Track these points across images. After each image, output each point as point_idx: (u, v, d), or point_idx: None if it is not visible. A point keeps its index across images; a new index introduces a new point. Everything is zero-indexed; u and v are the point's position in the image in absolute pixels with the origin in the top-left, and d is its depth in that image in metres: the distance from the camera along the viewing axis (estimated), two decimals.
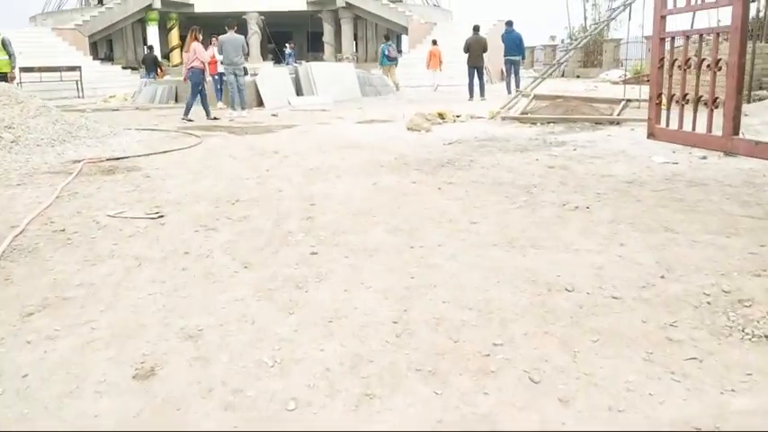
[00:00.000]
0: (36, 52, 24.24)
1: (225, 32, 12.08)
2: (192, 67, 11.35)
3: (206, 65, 11.55)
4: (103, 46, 33.09)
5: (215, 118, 11.47)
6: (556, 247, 3.41)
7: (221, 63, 12.58)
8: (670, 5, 4.84)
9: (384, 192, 4.88)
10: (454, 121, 10.34)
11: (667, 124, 4.97)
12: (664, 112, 5.06)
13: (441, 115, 10.39)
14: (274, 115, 12.33)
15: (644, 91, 12.65)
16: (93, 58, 28.06)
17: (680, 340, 2.35)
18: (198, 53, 11.30)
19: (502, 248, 3.40)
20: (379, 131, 9.12)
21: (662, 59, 4.91)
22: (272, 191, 5.00)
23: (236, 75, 12.06)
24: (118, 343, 2.38)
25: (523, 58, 17.32)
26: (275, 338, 2.39)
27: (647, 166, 5.67)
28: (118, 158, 6.80)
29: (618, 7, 12.34)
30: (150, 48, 25.62)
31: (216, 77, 14.46)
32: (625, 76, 24.17)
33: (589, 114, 9.34)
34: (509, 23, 16.61)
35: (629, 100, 9.95)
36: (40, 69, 21.66)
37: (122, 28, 29.63)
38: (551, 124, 9.16)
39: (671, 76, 4.83)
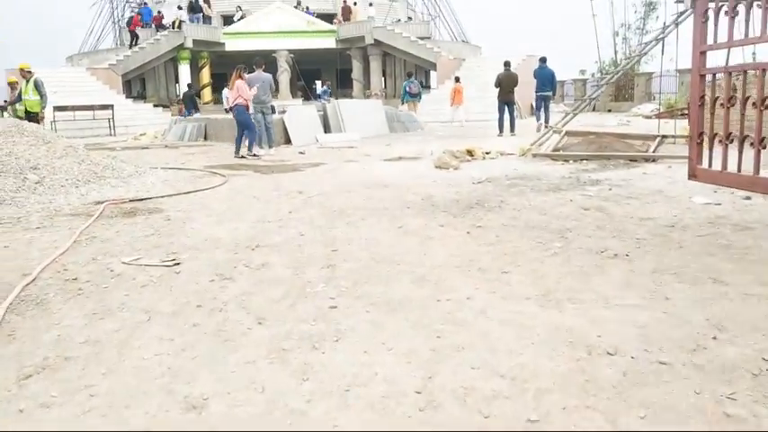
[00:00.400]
0: (71, 91, 24.81)
1: (254, 71, 12.14)
2: (236, 105, 11.42)
3: (249, 102, 11.69)
4: (137, 84, 33.82)
5: (242, 156, 11.46)
6: (595, 301, 3.15)
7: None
8: (710, 41, 4.61)
9: (410, 236, 4.67)
10: (483, 158, 10.14)
11: (710, 165, 4.69)
12: (705, 152, 4.80)
13: (469, 152, 10.20)
14: (302, 153, 12.27)
15: (679, 126, 12.36)
16: (126, 97, 28.64)
17: (741, 417, 2.07)
18: (241, 91, 11.37)
19: (536, 302, 3.15)
20: (406, 169, 8.95)
21: (702, 97, 4.66)
22: (294, 235, 4.82)
23: (263, 113, 12.08)
24: (115, 413, 2.18)
25: (554, 94, 17.32)
26: (286, 410, 2.16)
27: (687, 208, 5.37)
28: (140, 200, 6.72)
29: (650, 42, 12.11)
30: (189, 86, 26.26)
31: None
32: (658, 110, 23.83)
33: (623, 151, 9.06)
34: (543, 60, 16.60)
35: (664, 136, 9.65)
36: (74, 108, 22.13)
37: (155, 67, 30.23)
38: (584, 161, 8.91)
39: (712, 114, 4.57)
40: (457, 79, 22.30)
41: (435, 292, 3.34)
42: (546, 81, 16.48)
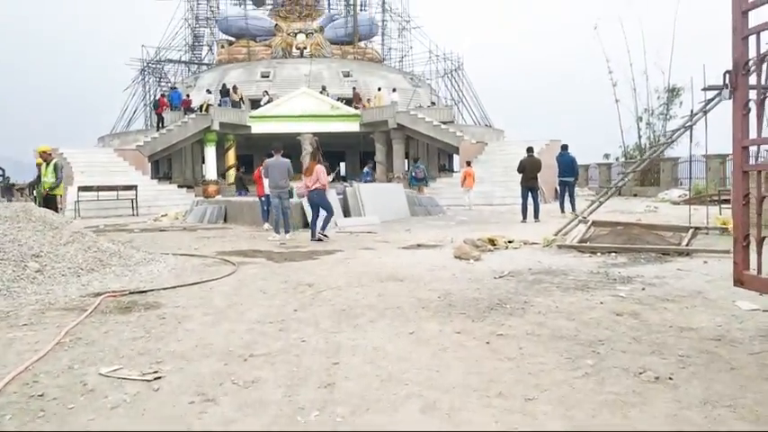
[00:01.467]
0: (99, 171, 25.17)
1: (272, 156, 12.03)
2: (315, 189, 11.66)
3: (327, 186, 12.04)
4: (164, 164, 34.32)
5: (319, 239, 11.46)
6: None
7: (268, 186, 12.47)
8: (752, 134, 4.22)
9: (422, 346, 4.18)
10: (506, 247, 9.69)
11: (758, 271, 4.20)
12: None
13: (491, 241, 9.77)
14: (319, 239, 11.93)
15: (711, 213, 11.86)
16: (152, 177, 28.98)
17: None
18: (320, 175, 11.65)
19: None
20: (424, 259, 8.53)
21: (746, 195, 4.23)
22: (294, 341, 4.36)
23: (280, 198, 11.86)
24: None
25: (576, 179, 17.50)
26: None
27: (733, 315, 4.84)
28: (141, 292, 6.34)
29: (678, 129, 11.81)
30: (237, 168, 26.92)
31: (263, 199, 14.38)
32: (687, 195, 23.38)
33: (654, 244, 8.56)
34: (564, 147, 17.01)
35: (697, 228, 9.15)
36: (98, 188, 22.35)
37: (182, 148, 30.68)
38: (613, 254, 8.41)
39: (760, 214, 4.12)
40: (468, 163, 23.38)
41: (447, 425, 2.85)
42: (567, 167, 16.80)
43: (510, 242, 10.07)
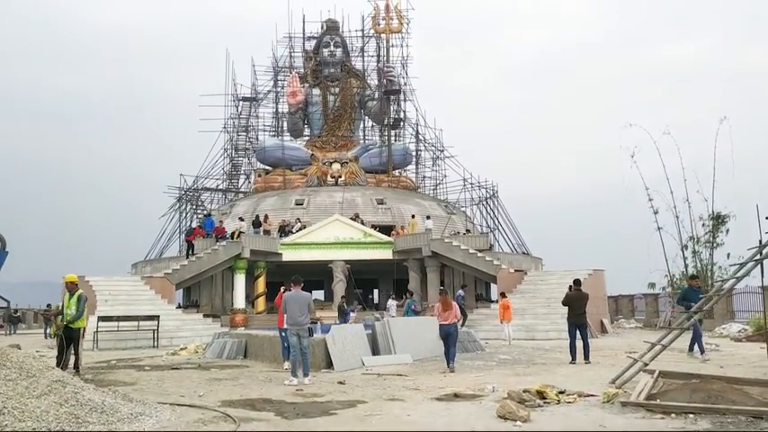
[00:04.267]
0: (124, 300, 24.48)
1: (290, 289, 11.00)
2: (453, 323, 12.57)
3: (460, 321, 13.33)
4: (195, 291, 33.52)
5: (453, 371, 12.12)
6: None
7: (286, 323, 11.32)
8: None
9: None
10: (558, 401, 8.22)
11: None
12: None
13: (540, 393, 8.34)
14: (341, 383, 10.59)
15: None
16: (182, 304, 28.11)
17: None
18: (456, 311, 12.72)
19: None
20: (460, 418, 7.14)
21: None
22: None
23: (299, 336, 10.62)
24: None
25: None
26: None
27: None
28: None
29: (746, 262, 10.54)
30: (343, 297, 25.61)
31: (283, 335, 13.18)
32: (747, 330, 21.53)
33: (741, 404, 7.03)
34: (694, 278, 17.24)
35: None
36: (119, 318, 21.46)
37: (212, 276, 30.03)
38: (690, 415, 6.91)
39: None
40: (503, 294, 21.84)
41: None
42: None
43: (561, 392, 8.61)
